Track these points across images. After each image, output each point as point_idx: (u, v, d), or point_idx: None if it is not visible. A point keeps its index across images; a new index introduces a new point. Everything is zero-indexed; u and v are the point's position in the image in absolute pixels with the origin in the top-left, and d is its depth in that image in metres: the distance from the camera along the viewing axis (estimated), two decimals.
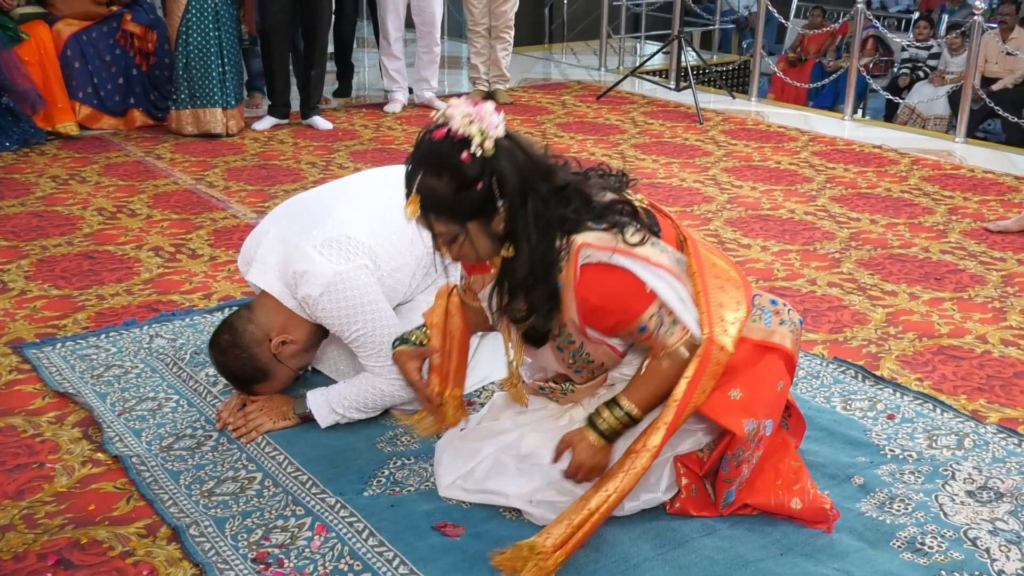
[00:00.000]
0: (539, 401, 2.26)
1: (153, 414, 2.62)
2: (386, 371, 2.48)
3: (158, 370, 2.87)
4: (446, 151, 1.80)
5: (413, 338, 2.25)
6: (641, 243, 1.92)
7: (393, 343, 2.30)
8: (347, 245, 2.44)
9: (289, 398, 2.60)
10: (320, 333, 2.57)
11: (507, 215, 1.84)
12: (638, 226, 1.94)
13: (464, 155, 1.78)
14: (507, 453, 2.20)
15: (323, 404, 2.54)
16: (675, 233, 2.06)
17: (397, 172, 2.48)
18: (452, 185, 1.81)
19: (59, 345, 3.00)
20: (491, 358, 2.75)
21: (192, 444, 2.48)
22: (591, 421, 2.03)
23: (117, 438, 2.49)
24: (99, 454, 2.44)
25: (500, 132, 1.82)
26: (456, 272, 2.32)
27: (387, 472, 2.35)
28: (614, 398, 2.03)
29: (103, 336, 3.07)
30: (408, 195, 1.85)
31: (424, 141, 1.84)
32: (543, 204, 1.87)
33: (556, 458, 2.09)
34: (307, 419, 2.56)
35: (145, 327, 3.14)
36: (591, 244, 1.89)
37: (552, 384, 2.17)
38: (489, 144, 1.79)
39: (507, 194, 1.83)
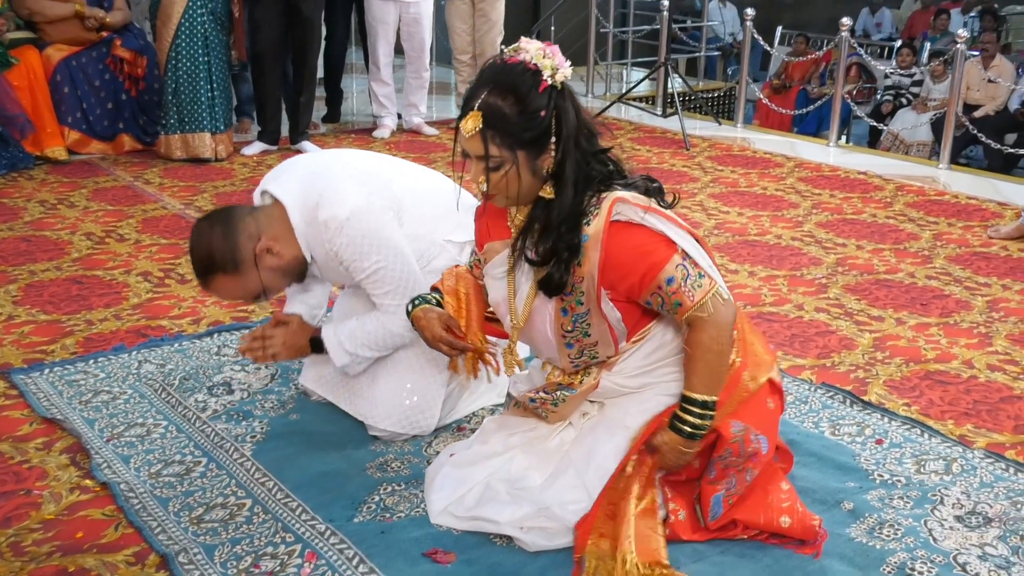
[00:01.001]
0: (529, 423, 2.27)
1: (142, 440, 2.61)
2: (400, 311, 2.42)
3: (147, 396, 2.86)
4: (518, 75, 1.88)
5: (430, 298, 2.25)
6: (671, 207, 2.02)
7: (410, 304, 2.28)
8: (380, 187, 2.47)
9: (307, 331, 2.58)
10: (301, 270, 2.48)
11: (557, 155, 1.91)
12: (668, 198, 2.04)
13: (535, 83, 1.87)
14: (497, 478, 2.20)
15: (334, 341, 2.53)
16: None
17: (433, 172, 2.60)
18: (517, 108, 1.87)
19: (47, 371, 2.99)
20: (487, 389, 2.77)
21: (181, 470, 2.47)
22: (673, 426, 2.04)
23: (105, 464, 2.48)
24: (87, 481, 2.42)
25: (568, 74, 1.91)
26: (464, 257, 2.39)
27: (377, 498, 2.34)
28: (683, 397, 2.03)
29: (91, 361, 3.06)
30: (469, 111, 1.89)
31: (494, 64, 1.92)
32: (589, 156, 1.96)
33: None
34: (320, 350, 2.56)
35: (134, 352, 3.13)
36: (626, 200, 1.96)
37: (543, 395, 2.18)
38: (559, 78, 1.89)
39: (562, 133, 1.91)
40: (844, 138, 8.70)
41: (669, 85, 7.37)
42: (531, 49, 1.89)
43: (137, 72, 5.77)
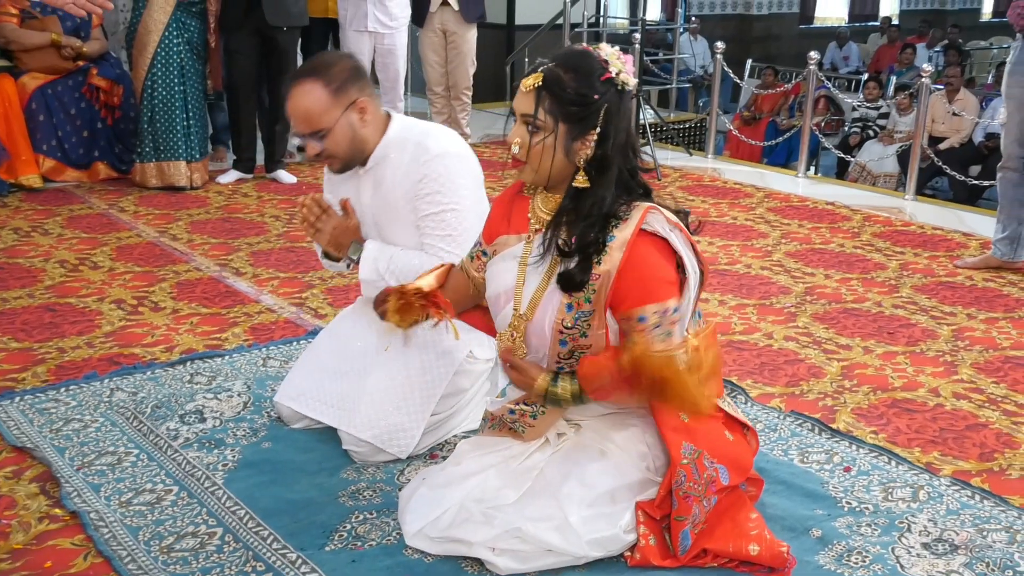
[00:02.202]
0: (503, 443, 2.28)
1: (112, 468, 2.59)
2: (450, 258, 2.50)
3: (118, 424, 2.84)
4: (588, 59, 2.05)
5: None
6: (694, 233, 2.13)
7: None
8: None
9: (355, 235, 2.63)
10: (357, 153, 2.58)
11: (594, 147, 2.03)
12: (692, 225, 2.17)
13: (600, 71, 2.03)
14: (472, 498, 2.20)
15: (373, 254, 2.58)
16: None
17: None
18: (576, 83, 2.01)
19: (17, 399, 2.97)
20: (464, 419, 2.79)
21: (152, 499, 2.45)
22: (555, 375, 2.13)
23: (75, 493, 2.46)
24: (56, 510, 2.40)
25: (632, 83, 2.06)
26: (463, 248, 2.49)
27: (349, 526, 2.34)
28: (577, 376, 2.12)
29: (63, 389, 3.04)
30: (534, 72, 2.05)
31: (572, 48, 2.06)
32: (631, 168, 2.09)
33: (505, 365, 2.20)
34: (348, 261, 2.63)
35: (106, 380, 3.11)
36: (659, 211, 2.06)
37: (523, 407, 2.21)
38: (623, 79, 2.04)
39: (607, 128, 2.03)
40: (813, 169, 8.82)
41: (641, 116, 7.43)
42: (607, 49, 2.06)
43: (113, 101, 5.79)
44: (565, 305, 2.09)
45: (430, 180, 2.52)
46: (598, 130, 2.03)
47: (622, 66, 2.05)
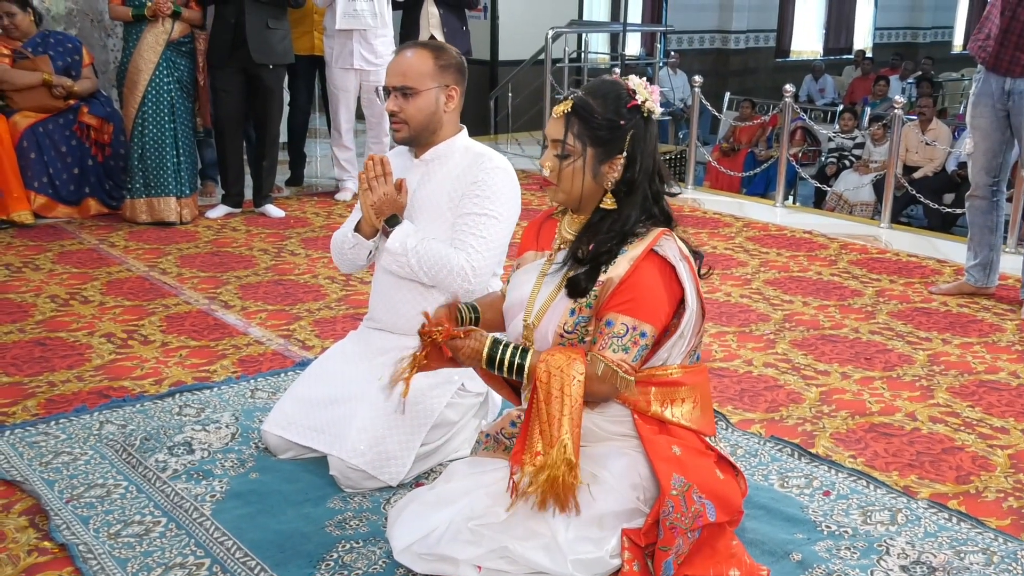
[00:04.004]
0: (497, 463, 2.29)
1: (101, 501, 2.60)
2: (474, 258, 2.65)
3: (107, 456, 2.85)
4: (617, 89, 2.19)
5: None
6: (703, 277, 2.22)
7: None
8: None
9: (399, 208, 2.71)
10: (427, 133, 2.73)
11: (621, 170, 2.16)
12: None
13: (627, 98, 2.16)
14: (462, 516, 2.20)
15: (405, 231, 2.67)
16: None
17: None
18: (604, 109, 2.15)
19: (7, 432, 2.98)
20: (453, 450, 2.81)
21: (140, 531, 2.46)
22: (495, 338, 2.20)
23: (64, 526, 2.46)
24: (46, 542, 2.41)
25: (657, 112, 2.19)
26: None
27: (336, 555, 2.35)
28: (522, 350, 2.18)
29: (52, 423, 3.05)
30: (566, 100, 2.17)
31: (600, 78, 2.18)
32: (657, 194, 2.22)
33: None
34: (378, 230, 2.73)
35: (95, 413, 3.12)
36: (674, 239, 2.17)
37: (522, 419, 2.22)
38: (649, 107, 2.17)
39: (634, 152, 2.16)
40: (791, 199, 8.92)
41: None
42: (635, 80, 2.18)
43: (103, 138, 5.85)
44: (569, 310, 2.18)
45: (483, 185, 2.68)
46: (625, 154, 2.16)
47: (648, 95, 2.17)
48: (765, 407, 3.30)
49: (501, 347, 2.19)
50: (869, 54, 15.72)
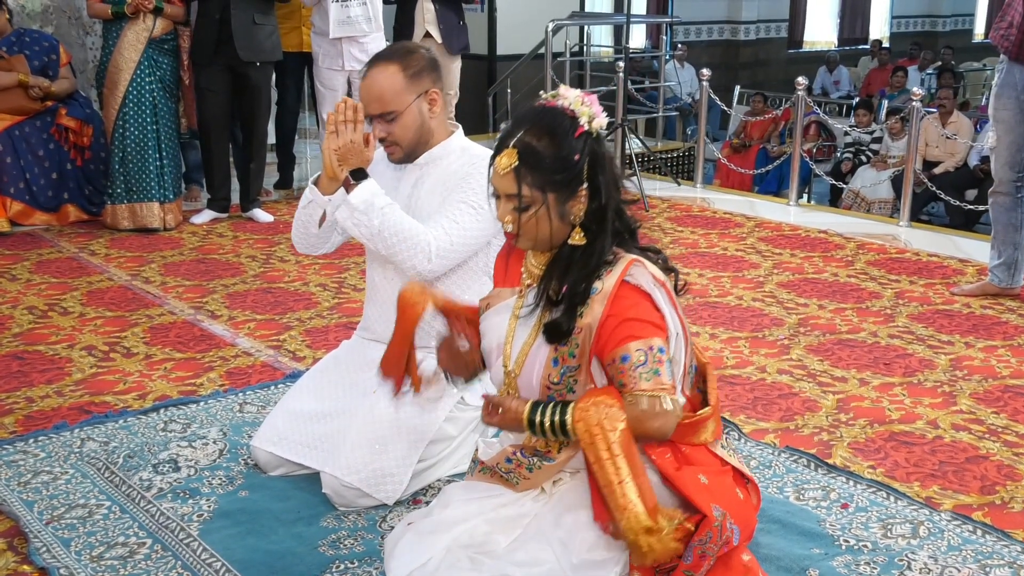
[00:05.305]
0: (494, 489, 2.23)
1: (83, 522, 2.54)
2: (441, 237, 2.56)
3: (89, 475, 2.79)
4: (556, 118, 1.96)
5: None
6: (678, 293, 2.06)
7: None
8: None
9: (366, 161, 2.60)
10: (417, 143, 2.65)
11: (586, 201, 1.98)
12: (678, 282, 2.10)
13: (572, 127, 1.95)
14: (459, 544, 2.14)
15: (373, 188, 2.55)
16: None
17: None
18: (552, 150, 1.95)
19: None
20: (451, 466, 2.75)
21: (124, 553, 2.40)
22: (534, 404, 2.03)
23: (44, 548, 2.41)
24: (25, 566, 2.36)
25: (604, 124, 1.98)
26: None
27: None
28: (567, 407, 2.00)
29: (31, 441, 2.99)
30: (505, 148, 1.96)
31: (533, 107, 1.98)
32: (619, 209, 2.04)
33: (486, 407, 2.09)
34: (339, 185, 2.61)
35: (76, 430, 3.06)
36: (643, 264, 2.00)
37: (520, 456, 2.15)
38: (596, 126, 1.96)
39: (594, 181, 1.98)
40: (805, 197, 8.81)
41: (627, 146, 7.41)
42: (570, 96, 1.98)
43: (83, 141, 5.75)
44: (551, 360, 2.05)
45: (473, 179, 2.60)
46: (586, 184, 1.99)
47: (590, 112, 1.98)
48: (779, 416, 3.22)
49: (539, 410, 2.04)
50: (886, 44, 15.60)
